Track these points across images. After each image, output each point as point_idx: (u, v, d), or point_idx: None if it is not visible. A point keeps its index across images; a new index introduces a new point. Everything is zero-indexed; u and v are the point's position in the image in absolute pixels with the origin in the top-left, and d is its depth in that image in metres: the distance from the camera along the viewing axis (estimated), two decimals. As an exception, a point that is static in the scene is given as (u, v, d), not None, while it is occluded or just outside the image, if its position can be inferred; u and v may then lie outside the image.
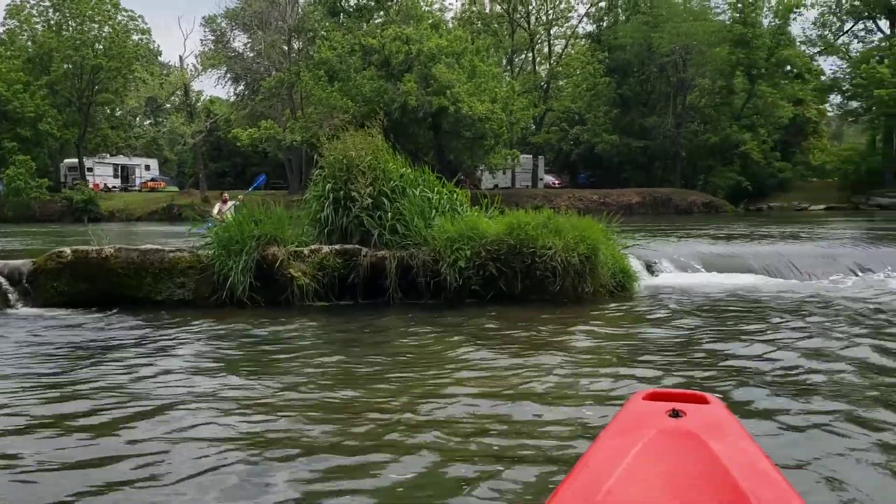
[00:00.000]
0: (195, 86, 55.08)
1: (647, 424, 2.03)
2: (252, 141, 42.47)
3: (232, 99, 54.66)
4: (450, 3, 78.54)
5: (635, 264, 9.26)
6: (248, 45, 50.82)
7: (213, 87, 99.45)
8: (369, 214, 8.48)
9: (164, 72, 52.96)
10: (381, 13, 45.45)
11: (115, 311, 7.77)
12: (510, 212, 8.49)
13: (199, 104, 53.98)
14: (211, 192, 47.54)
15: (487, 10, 54.16)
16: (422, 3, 45.06)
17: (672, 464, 1.86)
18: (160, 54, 56.64)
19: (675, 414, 2.05)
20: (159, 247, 8.30)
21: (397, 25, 39.57)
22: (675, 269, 10.24)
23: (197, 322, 7.24)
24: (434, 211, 8.61)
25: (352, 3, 45.75)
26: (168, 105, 55.24)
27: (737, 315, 7.13)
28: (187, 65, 50.21)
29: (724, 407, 2.22)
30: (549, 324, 6.91)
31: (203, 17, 58.99)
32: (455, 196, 9.13)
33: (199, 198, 45.55)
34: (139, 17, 51.87)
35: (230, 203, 14.43)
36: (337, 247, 8.39)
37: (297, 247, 8.27)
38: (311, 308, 8.04)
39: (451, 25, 45.81)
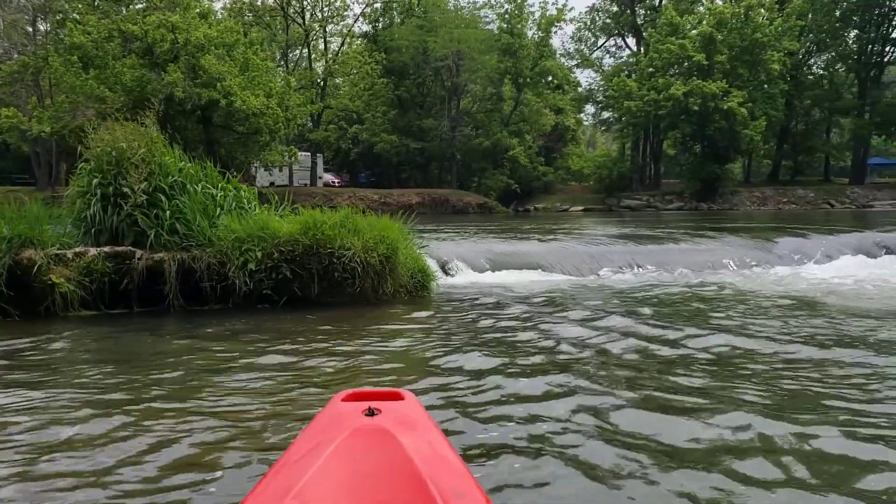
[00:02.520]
0: (-85, 65, 47.51)
1: (342, 424, 2.05)
2: (-9, 131, 37.50)
3: (-36, 83, 47.85)
4: (220, -6, 75.04)
5: (431, 264, 9.20)
6: (-16, 23, 44.78)
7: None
8: (144, 213, 7.58)
9: None
10: (143, -2, 42.21)
11: None
12: (303, 210, 8.02)
13: (-80, 87, 46.62)
14: (-62, 188, 41.35)
15: (259, 3, 52.47)
16: (189, -9, 42.54)
17: (364, 461, 1.91)
18: None
19: (371, 412, 2.10)
20: None
21: (161, 12, 36.97)
22: (467, 268, 10.36)
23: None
24: (219, 209, 7.90)
25: (110, -16, 42.01)
26: None
27: (523, 309, 7.30)
28: None
29: (418, 403, 2.30)
30: (342, 327, 6.59)
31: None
32: (242, 193, 8.47)
33: (-77, 195, 39.32)
34: None
35: None
36: (107, 249, 7.41)
37: (58, 249, 7.17)
38: (76, 318, 7.03)
39: (220, 16, 43.67)
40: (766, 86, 47.53)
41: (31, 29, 41.90)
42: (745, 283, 9.55)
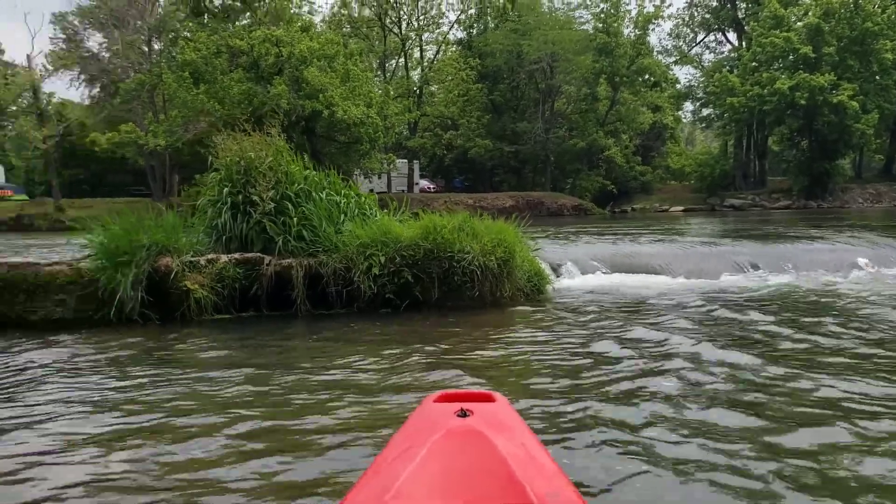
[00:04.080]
0: (45, 87, 51.14)
1: (436, 425, 2.08)
2: (111, 146, 39.86)
3: (87, 102, 51.08)
4: (319, 7, 77.24)
5: (543, 267, 9.15)
6: (104, 45, 47.65)
7: (67, 88, 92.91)
8: (272, 220, 7.87)
9: (10, 72, 48.73)
10: (248, 14, 43.87)
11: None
12: (422, 215, 8.14)
13: (49, 107, 50.01)
14: (66, 199, 44.27)
15: (357, 15, 53.65)
16: (291, 6, 44.01)
17: (458, 461, 1.93)
18: (2, 52, 52.13)
19: (463, 413, 2.12)
20: (33, 260, 7.33)
21: (266, 27, 38.36)
22: (579, 270, 10.25)
23: (79, 344, 6.40)
24: (343, 215, 8.12)
25: (216, 3, 43.83)
26: (14, 108, 50.87)
27: (646, 314, 7.12)
28: (36, 65, 46.45)
29: (509, 404, 2.32)
30: (470, 331, 6.62)
31: (53, 14, 54.70)
32: (364, 199, 8.67)
33: (53, 207, 42.19)
34: (-23, 11, 47.58)
35: None
36: (237, 255, 7.73)
37: (192, 257, 7.54)
38: (210, 322, 7.36)
39: (320, 29, 44.89)
40: (878, 77, 44.99)
41: (146, 48, 44.26)
42: (885, 286, 9.03)
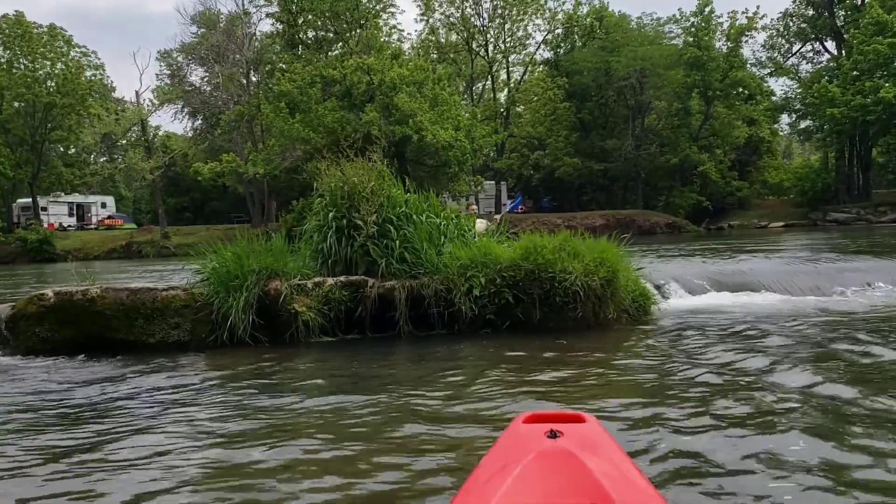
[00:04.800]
0: (152, 121, 54.11)
1: (526, 447, 2.08)
2: (213, 175, 41.69)
3: (189, 133, 53.73)
4: (407, 34, 78.83)
5: (648, 287, 8.95)
6: (206, 79, 50.17)
7: (171, 121, 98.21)
8: (375, 243, 8.02)
9: (120, 107, 51.83)
10: (340, 45, 45.26)
11: (103, 356, 7.15)
12: (523, 235, 8.13)
13: (156, 139, 52.86)
14: (171, 227, 46.45)
15: (443, 41, 54.47)
16: (381, 35, 45.12)
17: (550, 483, 1.93)
18: (114, 90, 55.60)
19: (553, 434, 2.11)
20: (150, 285, 7.71)
21: (358, 56, 39.42)
22: (683, 289, 9.97)
23: (196, 366, 6.67)
24: (443, 237, 8.20)
25: (310, 35, 45.51)
26: (124, 141, 54.05)
27: (756, 336, 6.82)
28: (143, 100, 49.26)
29: (599, 425, 2.29)
30: (575, 353, 6.53)
31: (159, 52, 58.02)
32: (462, 221, 8.74)
33: (159, 234, 44.36)
34: (92, 52, 50.95)
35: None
36: (342, 278, 7.91)
37: (300, 280, 7.76)
38: (317, 344, 7.54)
39: (408, 56, 45.81)
40: None
41: (244, 80, 46.25)
42: None
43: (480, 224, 12.49)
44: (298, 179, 38.86)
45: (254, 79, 47.63)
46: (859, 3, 51.23)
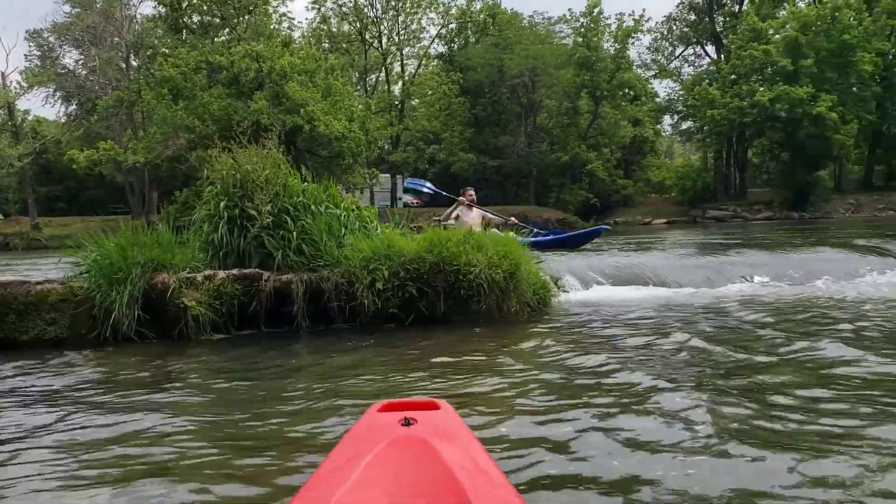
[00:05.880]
0: (20, 105, 50.38)
1: (379, 435, 2.05)
2: (89, 163, 39.33)
3: (63, 119, 50.42)
4: (298, 23, 77.13)
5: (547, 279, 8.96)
6: (81, 62, 47.16)
7: (42, 106, 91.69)
8: (270, 234, 7.61)
9: (-17, 89, 48.04)
10: (227, 31, 43.72)
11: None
12: (427, 228, 7.93)
13: (25, 124, 49.34)
14: (42, 217, 43.59)
15: (336, 30, 53.67)
16: (270, 22, 43.93)
17: (402, 471, 1.91)
18: (-25, 70, 51.34)
19: (407, 422, 2.10)
20: (22, 279, 7.00)
21: (246, 43, 38.16)
22: (580, 283, 10.07)
23: (74, 365, 6.09)
24: (344, 228, 7.88)
25: (195, 20, 43.69)
26: (-14, 126, 50.15)
27: (645, 327, 6.92)
28: (10, 82, 45.82)
29: (454, 411, 2.28)
30: (477, 345, 6.44)
31: (27, 32, 54.01)
32: (364, 213, 8.44)
33: (29, 225, 41.48)
34: (-50, 28, 46.92)
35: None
36: (235, 271, 7.46)
37: (189, 273, 7.26)
38: (208, 341, 7.07)
39: (299, 44, 44.81)
40: (855, 88, 45.66)
41: (124, 65, 43.86)
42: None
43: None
44: (182, 169, 37.26)
45: (134, 63, 45.23)
46: (737, 10, 54.17)
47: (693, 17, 56.82)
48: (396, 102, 52.49)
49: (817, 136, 43.26)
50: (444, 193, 15.54)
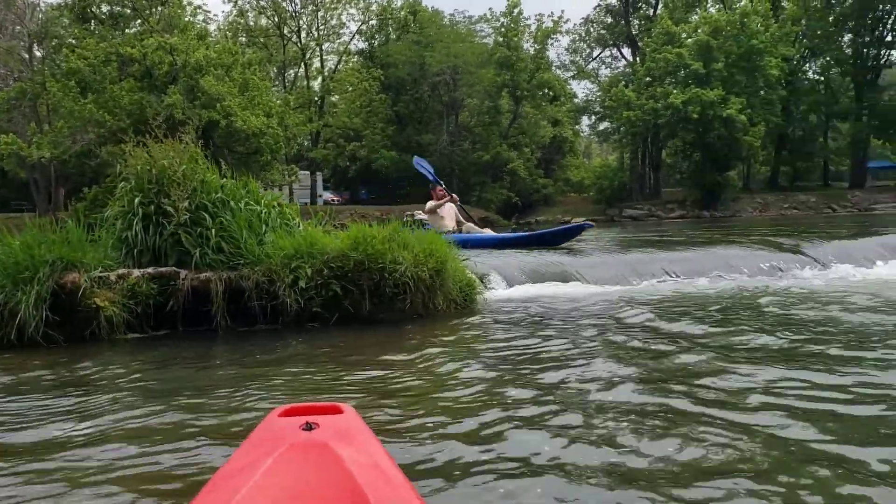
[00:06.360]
0: (-90, 95, 47.22)
1: (279, 440, 2.02)
2: (-10, 158, 37.23)
3: (-41, 111, 47.54)
4: (214, 16, 75.13)
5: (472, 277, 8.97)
6: (-22, 51, 44.53)
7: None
8: (187, 231, 7.35)
9: None
10: (139, 22, 42.15)
11: None
12: (351, 224, 7.82)
13: (-84, 116, 46.32)
14: (-63, 217, 41.00)
15: (253, 24, 52.60)
16: (184, 14, 42.63)
17: (301, 476, 1.90)
18: None
19: (309, 427, 2.07)
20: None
21: (160, 35, 36.88)
22: (504, 280, 10.13)
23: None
24: (265, 226, 7.68)
25: (105, 10, 41.95)
26: None
27: (565, 324, 7.01)
28: None
29: (357, 415, 2.27)
30: (401, 343, 6.39)
31: (-82, 17, 50.72)
32: (286, 209, 8.25)
33: (-78, 224, 38.91)
34: None
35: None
36: (150, 270, 7.17)
37: (101, 272, 6.93)
38: (122, 342, 6.79)
39: (215, 37, 43.65)
40: (763, 92, 47.77)
41: (27, 55, 41.71)
42: (814, 285, 9.30)
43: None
44: (91, 165, 35.68)
45: (38, 54, 43.00)
46: (651, 13, 55.85)
47: (609, 19, 58.31)
48: (316, 98, 51.73)
49: (727, 137, 45.08)
50: (442, 184, 15.74)
